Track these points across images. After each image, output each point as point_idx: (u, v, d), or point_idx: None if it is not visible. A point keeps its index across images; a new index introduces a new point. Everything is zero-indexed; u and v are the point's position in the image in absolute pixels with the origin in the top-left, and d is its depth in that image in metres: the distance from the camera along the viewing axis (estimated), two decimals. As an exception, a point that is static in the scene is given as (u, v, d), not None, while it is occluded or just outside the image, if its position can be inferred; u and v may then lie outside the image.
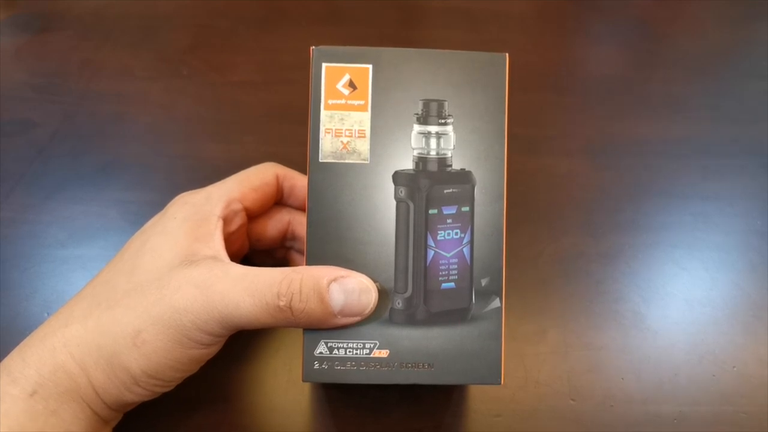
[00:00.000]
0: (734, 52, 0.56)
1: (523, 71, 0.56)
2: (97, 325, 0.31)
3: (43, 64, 0.54)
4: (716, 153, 0.52)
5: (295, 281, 0.31)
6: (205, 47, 0.55)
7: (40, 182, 0.48)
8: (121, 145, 0.50)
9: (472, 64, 0.33)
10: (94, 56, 0.54)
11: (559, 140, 0.52)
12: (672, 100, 0.54)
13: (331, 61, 0.33)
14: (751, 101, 0.54)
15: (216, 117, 0.52)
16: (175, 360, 0.31)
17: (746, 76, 0.56)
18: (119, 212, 0.47)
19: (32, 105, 0.52)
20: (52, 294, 0.44)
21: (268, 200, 0.39)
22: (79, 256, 0.45)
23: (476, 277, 0.33)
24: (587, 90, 0.55)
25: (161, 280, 0.31)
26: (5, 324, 0.42)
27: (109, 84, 0.53)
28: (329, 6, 0.58)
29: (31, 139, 0.50)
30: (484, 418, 0.40)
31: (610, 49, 0.56)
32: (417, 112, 0.33)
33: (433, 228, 0.33)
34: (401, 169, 0.33)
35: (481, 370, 0.32)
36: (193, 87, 0.53)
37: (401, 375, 0.32)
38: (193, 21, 0.56)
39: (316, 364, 0.32)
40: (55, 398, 0.30)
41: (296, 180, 0.39)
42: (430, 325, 0.32)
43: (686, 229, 0.48)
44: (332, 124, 0.33)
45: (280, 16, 0.57)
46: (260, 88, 0.53)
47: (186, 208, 0.35)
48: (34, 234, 0.46)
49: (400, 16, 0.58)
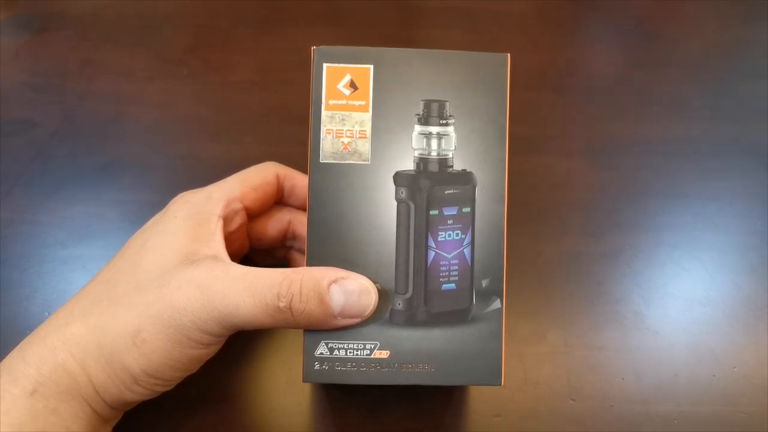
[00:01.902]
0: (734, 52, 0.56)
1: (522, 71, 0.56)
2: (97, 324, 0.31)
3: (43, 64, 0.53)
4: (716, 153, 0.52)
5: (296, 282, 0.31)
6: (205, 47, 0.55)
7: (40, 182, 0.48)
8: (120, 145, 0.50)
9: (473, 64, 0.33)
10: (94, 56, 0.54)
11: (559, 140, 0.52)
12: (672, 100, 0.54)
13: (332, 61, 0.33)
14: (751, 101, 0.54)
15: (216, 117, 0.52)
16: (174, 359, 0.31)
17: (746, 76, 0.56)
18: (119, 212, 0.47)
19: (32, 105, 0.52)
20: (52, 294, 0.44)
21: (269, 200, 0.39)
22: (79, 256, 0.45)
23: (477, 277, 0.33)
24: (587, 90, 0.55)
25: (161, 279, 0.31)
26: (5, 324, 0.42)
27: (109, 84, 0.53)
28: (329, 6, 0.58)
29: (30, 139, 0.50)
30: (484, 418, 0.40)
31: (610, 49, 0.56)
32: (418, 112, 0.33)
33: (433, 229, 0.33)
34: (402, 169, 0.33)
35: (482, 371, 0.32)
36: (193, 87, 0.53)
37: (402, 376, 0.32)
38: (193, 21, 0.56)
39: (316, 365, 0.32)
40: (56, 397, 0.30)
41: (297, 179, 0.39)
42: (431, 326, 0.32)
43: (686, 229, 0.48)
44: (333, 124, 0.33)
45: (280, 16, 0.57)
46: (260, 88, 0.53)
47: (187, 207, 0.35)
48: (34, 234, 0.46)
49: (399, 16, 0.58)
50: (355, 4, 0.58)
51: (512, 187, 0.34)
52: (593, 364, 0.42)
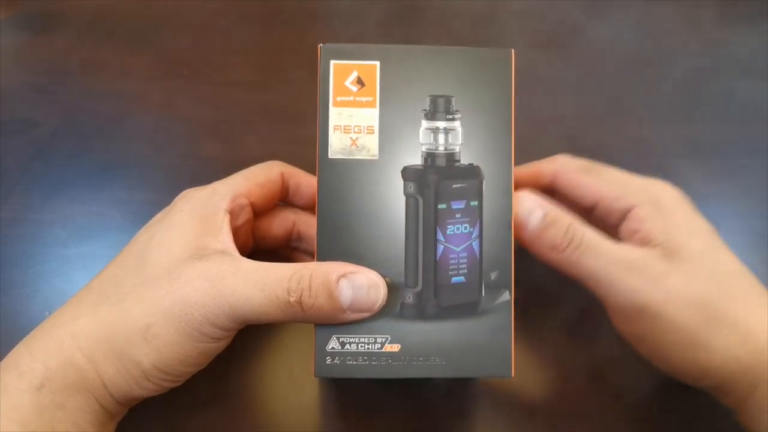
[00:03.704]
0: (734, 52, 0.57)
1: (523, 71, 0.56)
2: (106, 318, 0.31)
3: (43, 64, 0.53)
4: (716, 153, 0.52)
5: (305, 277, 0.31)
6: (205, 47, 0.55)
7: (41, 181, 0.48)
8: (121, 145, 0.50)
9: (478, 60, 0.34)
10: (94, 56, 0.54)
11: (559, 140, 0.53)
12: (672, 100, 0.55)
13: (339, 58, 0.33)
14: (751, 101, 0.54)
15: (216, 116, 0.52)
16: (185, 354, 0.31)
17: (746, 76, 0.56)
18: (120, 212, 0.47)
19: (32, 105, 0.51)
20: (53, 293, 0.43)
21: (273, 197, 0.39)
22: (80, 256, 0.45)
23: (486, 270, 0.33)
24: (587, 90, 0.55)
25: (171, 273, 0.31)
26: (6, 323, 0.42)
27: (109, 84, 0.53)
28: (329, 6, 0.58)
29: (31, 138, 0.50)
30: (484, 418, 0.40)
31: (610, 49, 0.57)
32: (425, 108, 0.33)
33: (442, 223, 0.33)
34: (410, 164, 0.33)
35: (492, 363, 0.32)
36: (193, 87, 0.53)
37: (413, 369, 0.32)
38: (193, 21, 0.56)
39: (328, 359, 0.32)
40: (63, 392, 0.30)
41: (301, 178, 0.39)
42: (441, 319, 0.33)
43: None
44: (341, 120, 0.33)
45: (280, 16, 0.57)
46: (260, 88, 0.53)
47: (193, 202, 0.35)
48: (35, 233, 0.46)
49: (399, 16, 0.58)
50: (354, 4, 0.58)
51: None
52: (595, 364, 0.42)
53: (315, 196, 0.33)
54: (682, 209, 0.36)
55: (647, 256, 0.34)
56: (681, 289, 0.33)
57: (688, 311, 0.33)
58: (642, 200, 0.36)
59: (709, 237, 0.35)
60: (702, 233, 0.35)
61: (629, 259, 0.34)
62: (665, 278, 0.33)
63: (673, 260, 0.34)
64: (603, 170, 0.39)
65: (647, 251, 0.34)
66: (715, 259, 0.34)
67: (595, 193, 0.38)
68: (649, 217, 0.36)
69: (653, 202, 0.36)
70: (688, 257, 0.34)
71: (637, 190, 0.37)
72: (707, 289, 0.33)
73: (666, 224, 0.35)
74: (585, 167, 0.39)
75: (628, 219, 0.37)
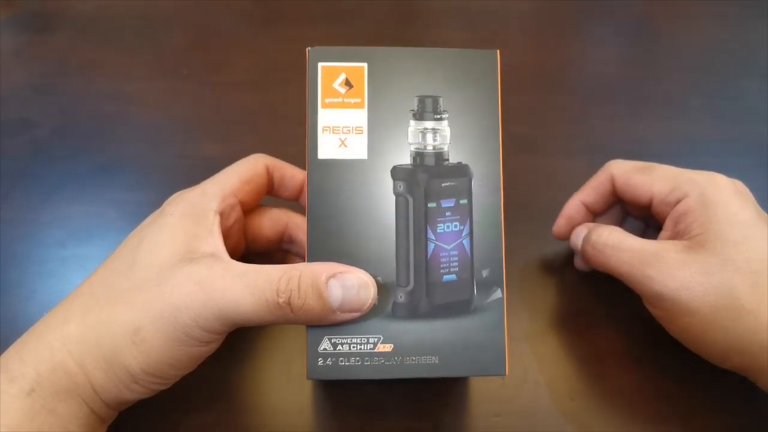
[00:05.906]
0: (734, 52, 0.56)
1: (522, 71, 0.56)
2: (96, 323, 0.31)
3: (43, 64, 0.54)
4: (716, 153, 0.52)
5: (294, 278, 0.30)
6: (205, 47, 0.55)
7: (40, 182, 0.48)
8: (120, 145, 0.50)
9: (464, 60, 0.34)
10: (94, 56, 0.54)
11: (559, 140, 0.52)
12: (672, 100, 0.54)
13: (327, 60, 0.33)
14: (751, 101, 0.54)
15: (215, 117, 0.52)
16: (174, 358, 0.31)
17: (746, 76, 0.56)
18: (118, 212, 0.47)
19: (32, 105, 0.52)
20: (52, 294, 0.44)
21: (260, 192, 0.39)
22: (79, 256, 0.45)
23: (477, 268, 0.33)
24: (587, 90, 0.55)
25: (160, 277, 0.31)
26: (4, 324, 0.42)
27: (109, 84, 0.53)
28: (328, 6, 0.58)
29: (30, 138, 0.50)
30: (484, 418, 0.39)
31: (610, 49, 0.57)
32: (413, 108, 0.33)
33: (432, 221, 0.33)
34: (399, 164, 0.33)
35: (486, 361, 0.32)
36: (193, 87, 0.53)
37: (406, 369, 0.32)
38: (193, 21, 0.56)
39: (320, 361, 0.32)
40: (53, 397, 0.30)
41: (285, 170, 0.40)
42: (433, 318, 0.32)
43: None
44: (330, 121, 0.33)
45: (279, 16, 0.57)
46: (260, 87, 0.54)
47: (183, 205, 0.35)
48: (34, 234, 0.46)
49: (399, 16, 0.58)
50: (354, 4, 0.58)
51: (512, 187, 0.34)
52: (594, 364, 0.41)
53: (300, 187, 0.33)
54: (727, 200, 0.37)
55: (665, 249, 0.36)
56: (697, 277, 0.34)
57: (707, 298, 0.34)
58: (689, 192, 0.37)
59: (750, 228, 0.36)
60: (742, 224, 0.36)
61: (647, 252, 0.36)
62: (680, 268, 0.35)
63: (698, 252, 0.35)
64: (655, 167, 0.40)
65: (666, 244, 0.36)
66: (750, 249, 0.35)
67: (649, 190, 0.39)
68: (692, 209, 0.37)
69: (699, 194, 0.37)
70: (716, 248, 0.35)
71: (686, 182, 0.38)
72: (731, 278, 0.34)
73: (706, 216, 0.36)
74: (638, 167, 0.41)
75: (673, 211, 0.38)
